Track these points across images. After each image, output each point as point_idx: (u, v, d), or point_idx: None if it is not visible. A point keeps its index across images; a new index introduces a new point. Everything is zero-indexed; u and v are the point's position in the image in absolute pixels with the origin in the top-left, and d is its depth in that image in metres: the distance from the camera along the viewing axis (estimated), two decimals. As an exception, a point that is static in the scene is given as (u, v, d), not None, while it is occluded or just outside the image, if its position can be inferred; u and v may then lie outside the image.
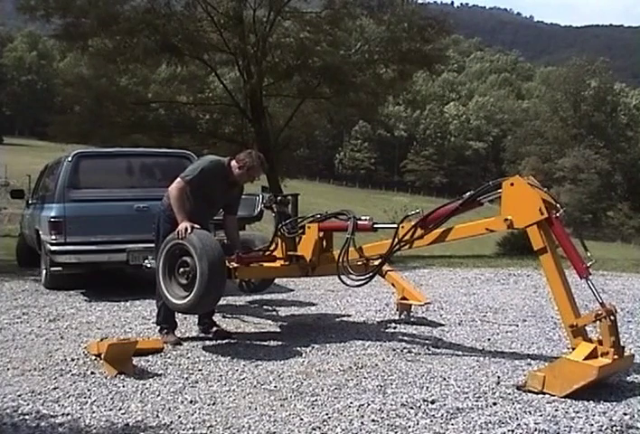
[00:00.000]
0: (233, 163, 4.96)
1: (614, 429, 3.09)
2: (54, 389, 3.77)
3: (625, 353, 3.76)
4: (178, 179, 4.82)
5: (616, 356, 3.54)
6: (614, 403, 3.43)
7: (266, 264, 5.25)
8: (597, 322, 3.60)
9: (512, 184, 3.90)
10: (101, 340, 4.46)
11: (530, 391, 3.60)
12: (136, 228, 6.86)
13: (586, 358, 3.48)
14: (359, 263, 4.95)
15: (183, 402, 3.53)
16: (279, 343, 4.96)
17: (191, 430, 3.13)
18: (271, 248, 5.40)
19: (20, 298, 7.02)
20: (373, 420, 3.21)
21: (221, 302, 5.46)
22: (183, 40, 14.40)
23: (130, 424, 3.21)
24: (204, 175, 4.81)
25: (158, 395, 3.67)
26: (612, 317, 3.57)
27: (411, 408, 3.38)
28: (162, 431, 3.12)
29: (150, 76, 19.81)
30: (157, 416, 3.32)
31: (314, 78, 15.46)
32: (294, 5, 15.45)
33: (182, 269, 4.59)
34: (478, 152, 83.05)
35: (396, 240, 4.45)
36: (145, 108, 16.64)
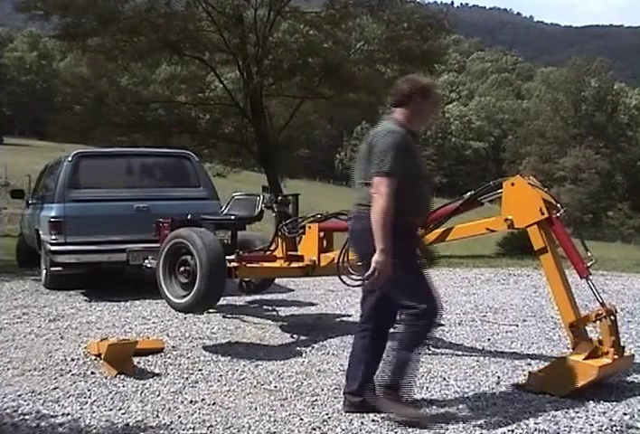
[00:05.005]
0: None
1: (614, 429, 3.08)
2: (54, 389, 3.77)
3: (626, 353, 3.75)
4: None
5: (616, 356, 3.53)
6: (614, 403, 3.42)
7: (266, 264, 5.25)
8: (598, 322, 3.60)
9: (512, 184, 3.89)
10: (101, 340, 4.45)
11: (530, 391, 3.59)
12: (136, 228, 6.86)
13: (586, 358, 3.48)
14: (359, 263, 4.94)
15: (183, 402, 3.53)
16: (279, 343, 4.96)
17: (191, 430, 3.13)
18: (272, 248, 5.40)
19: (20, 298, 7.02)
20: (373, 420, 3.21)
21: (220, 302, 5.46)
22: (184, 39, 14.41)
23: (130, 424, 3.21)
24: None
25: (158, 395, 3.67)
26: (612, 317, 3.57)
27: (411, 408, 3.37)
28: (162, 431, 3.12)
29: (150, 76, 19.83)
30: (157, 416, 3.32)
31: (314, 76, 15.46)
32: (294, 5, 15.47)
33: (182, 268, 4.59)
34: (478, 152, 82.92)
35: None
36: (144, 108, 16.65)
